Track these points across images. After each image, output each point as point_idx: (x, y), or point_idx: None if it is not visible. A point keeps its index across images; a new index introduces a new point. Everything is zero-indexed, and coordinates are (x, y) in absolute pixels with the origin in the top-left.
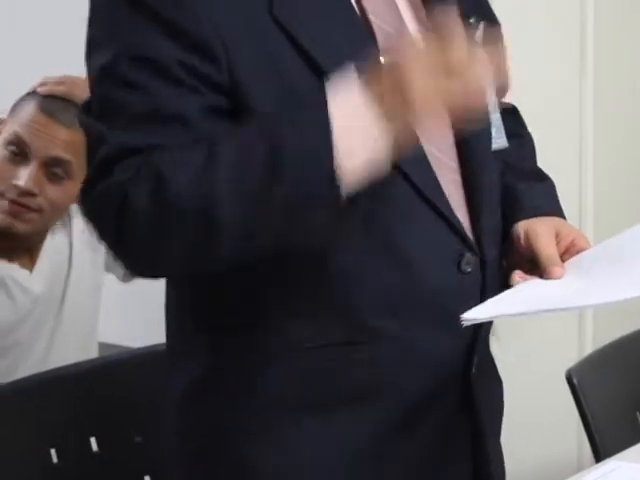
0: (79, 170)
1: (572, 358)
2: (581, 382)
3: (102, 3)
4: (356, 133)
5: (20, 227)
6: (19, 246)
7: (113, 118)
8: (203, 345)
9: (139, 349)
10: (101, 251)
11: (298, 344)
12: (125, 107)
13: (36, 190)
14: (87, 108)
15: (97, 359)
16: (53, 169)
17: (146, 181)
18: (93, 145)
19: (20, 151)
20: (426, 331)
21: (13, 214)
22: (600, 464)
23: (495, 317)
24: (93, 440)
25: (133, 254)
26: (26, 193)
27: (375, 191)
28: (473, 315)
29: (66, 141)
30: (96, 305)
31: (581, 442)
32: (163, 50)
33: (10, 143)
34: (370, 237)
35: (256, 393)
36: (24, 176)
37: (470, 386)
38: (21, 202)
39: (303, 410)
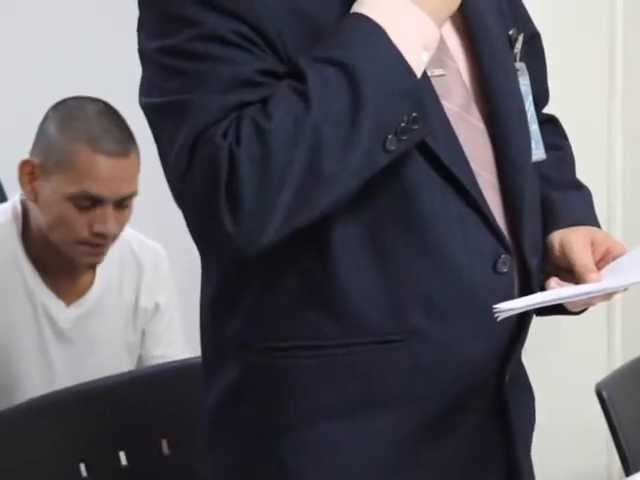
0: None
1: (601, 372)
2: (611, 396)
3: None
4: (399, 19)
5: (100, 260)
6: (64, 276)
7: (197, 86)
8: (234, 341)
9: (168, 363)
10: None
11: (334, 342)
12: (209, 75)
13: (114, 228)
14: (147, 92)
15: (126, 373)
16: (123, 202)
17: (251, 140)
18: (176, 117)
19: (93, 203)
20: (462, 330)
21: (96, 253)
22: (630, 478)
23: (530, 306)
24: (122, 454)
25: (247, 212)
26: (105, 234)
27: (415, 191)
28: (508, 306)
29: (129, 172)
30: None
31: (610, 456)
32: (228, 27)
33: (81, 198)
34: (407, 236)
35: (286, 391)
36: (104, 221)
37: (503, 393)
38: (101, 242)
39: (333, 410)
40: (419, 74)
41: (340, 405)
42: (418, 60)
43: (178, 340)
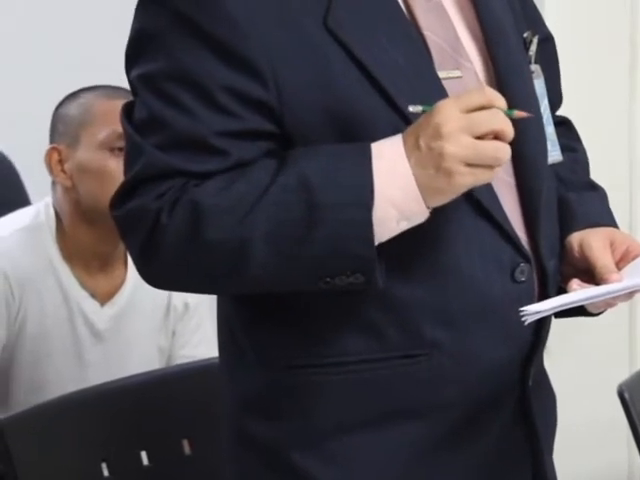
0: None
1: (623, 372)
2: (632, 397)
3: (147, 13)
4: (394, 188)
5: None
6: (98, 276)
7: (154, 133)
8: (257, 358)
9: (190, 363)
10: None
11: (354, 357)
12: (166, 126)
13: None
14: (129, 112)
15: (148, 373)
16: None
17: (185, 215)
18: (131, 154)
19: None
20: (482, 341)
21: None
22: None
23: (555, 309)
24: (144, 454)
25: (154, 273)
26: None
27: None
28: (534, 309)
29: None
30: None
31: (632, 457)
32: (207, 70)
33: (114, 139)
34: (423, 251)
35: (311, 406)
36: None
37: (527, 398)
38: None
39: (358, 423)
40: (386, 236)
41: (364, 418)
42: (391, 226)
43: (208, 340)
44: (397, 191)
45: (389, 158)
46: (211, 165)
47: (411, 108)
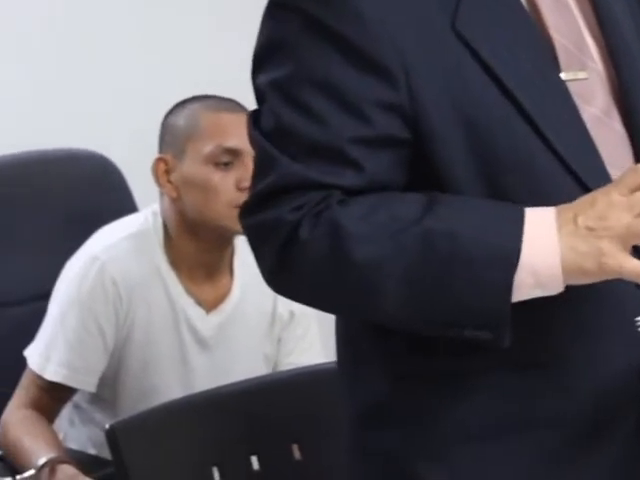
0: None
1: None
2: None
3: (274, 19)
4: (538, 257)
5: None
6: (204, 283)
7: (286, 143)
8: (381, 367)
9: (298, 369)
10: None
11: (480, 366)
12: (300, 135)
13: None
14: (256, 120)
15: (256, 378)
16: None
17: (327, 235)
18: (263, 164)
19: (231, 158)
20: (607, 349)
21: None
22: None
23: None
24: (254, 459)
25: (284, 286)
26: None
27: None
28: None
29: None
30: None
31: None
32: (339, 74)
33: (219, 154)
34: None
35: (435, 418)
36: (248, 173)
37: None
38: None
39: (482, 436)
40: (516, 299)
41: (485, 428)
42: (524, 292)
43: (313, 348)
44: (541, 262)
45: (540, 228)
46: (347, 179)
47: None
